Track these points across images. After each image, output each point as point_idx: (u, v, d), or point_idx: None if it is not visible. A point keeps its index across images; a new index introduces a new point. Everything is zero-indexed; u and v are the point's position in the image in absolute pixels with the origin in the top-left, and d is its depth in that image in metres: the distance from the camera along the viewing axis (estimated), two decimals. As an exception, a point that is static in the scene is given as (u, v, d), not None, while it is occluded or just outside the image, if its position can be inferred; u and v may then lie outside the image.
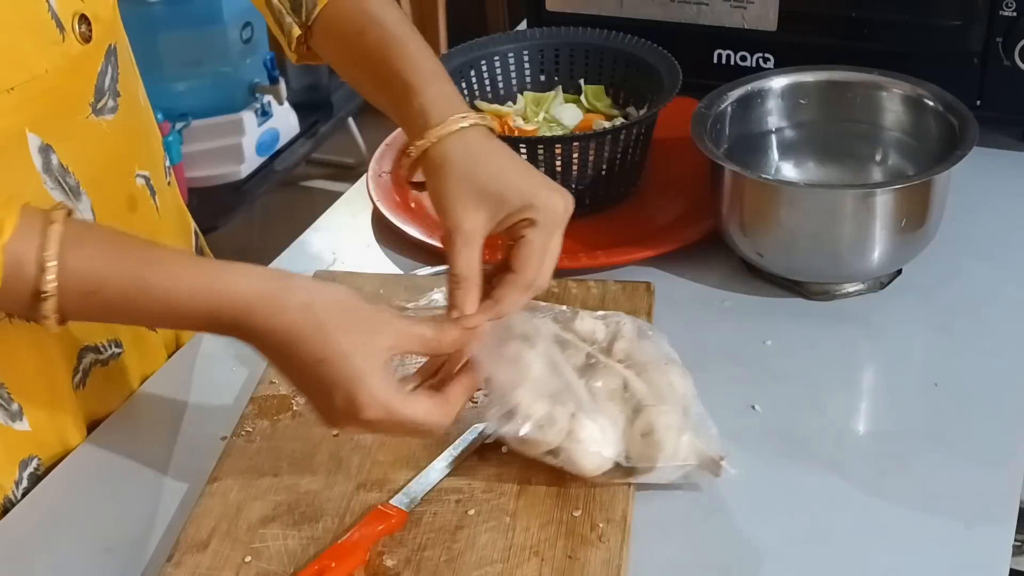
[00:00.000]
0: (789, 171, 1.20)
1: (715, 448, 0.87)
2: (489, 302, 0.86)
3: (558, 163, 1.16)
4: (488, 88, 1.29)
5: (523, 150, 1.16)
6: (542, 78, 1.31)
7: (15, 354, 0.92)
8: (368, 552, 0.81)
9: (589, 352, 0.91)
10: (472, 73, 1.28)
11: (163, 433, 0.98)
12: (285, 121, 2.97)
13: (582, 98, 1.27)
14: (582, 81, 1.30)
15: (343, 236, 1.23)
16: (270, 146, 2.93)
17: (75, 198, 0.94)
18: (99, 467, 0.95)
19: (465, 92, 1.28)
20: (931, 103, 1.14)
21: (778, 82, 1.19)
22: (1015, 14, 1.22)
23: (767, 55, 1.34)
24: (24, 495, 0.93)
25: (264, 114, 2.87)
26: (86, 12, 0.90)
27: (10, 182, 0.88)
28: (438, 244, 1.16)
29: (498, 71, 1.29)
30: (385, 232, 1.22)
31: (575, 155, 1.16)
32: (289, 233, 1.25)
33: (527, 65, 1.30)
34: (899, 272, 1.11)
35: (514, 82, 1.31)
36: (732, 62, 1.36)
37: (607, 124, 1.21)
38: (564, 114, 1.23)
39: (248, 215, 3.08)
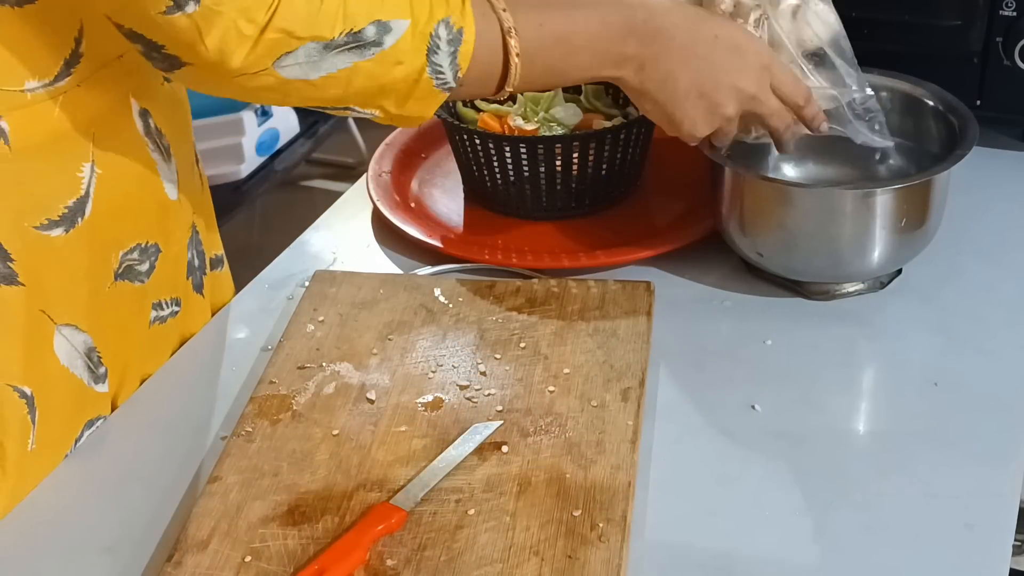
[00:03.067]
0: (789, 171, 1.20)
1: None
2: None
3: (558, 163, 1.16)
4: (488, 88, 1.29)
5: (523, 150, 1.16)
6: (542, 78, 1.31)
7: (114, 320, 0.96)
8: (368, 552, 0.81)
9: None
10: (472, 73, 1.28)
11: (163, 433, 0.98)
12: (285, 121, 2.97)
13: (581, 97, 1.27)
14: (582, 80, 1.29)
15: (343, 236, 1.23)
16: (270, 146, 2.92)
17: (168, 159, 0.99)
18: (99, 467, 0.95)
19: (465, 92, 1.28)
20: (931, 103, 1.14)
21: (778, 82, 1.19)
22: (1015, 14, 1.22)
23: (767, 55, 1.34)
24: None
25: (264, 114, 2.87)
26: None
27: (120, 144, 0.92)
28: (438, 244, 1.16)
29: (498, 71, 1.29)
30: (385, 232, 1.22)
31: (575, 155, 1.16)
32: (289, 233, 1.25)
33: (527, 65, 1.30)
34: (899, 272, 1.11)
35: (514, 82, 1.30)
36: (732, 62, 1.35)
37: (607, 123, 1.21)
38: (563, 113, 1.23)
39: (248, 215, 3.08)
